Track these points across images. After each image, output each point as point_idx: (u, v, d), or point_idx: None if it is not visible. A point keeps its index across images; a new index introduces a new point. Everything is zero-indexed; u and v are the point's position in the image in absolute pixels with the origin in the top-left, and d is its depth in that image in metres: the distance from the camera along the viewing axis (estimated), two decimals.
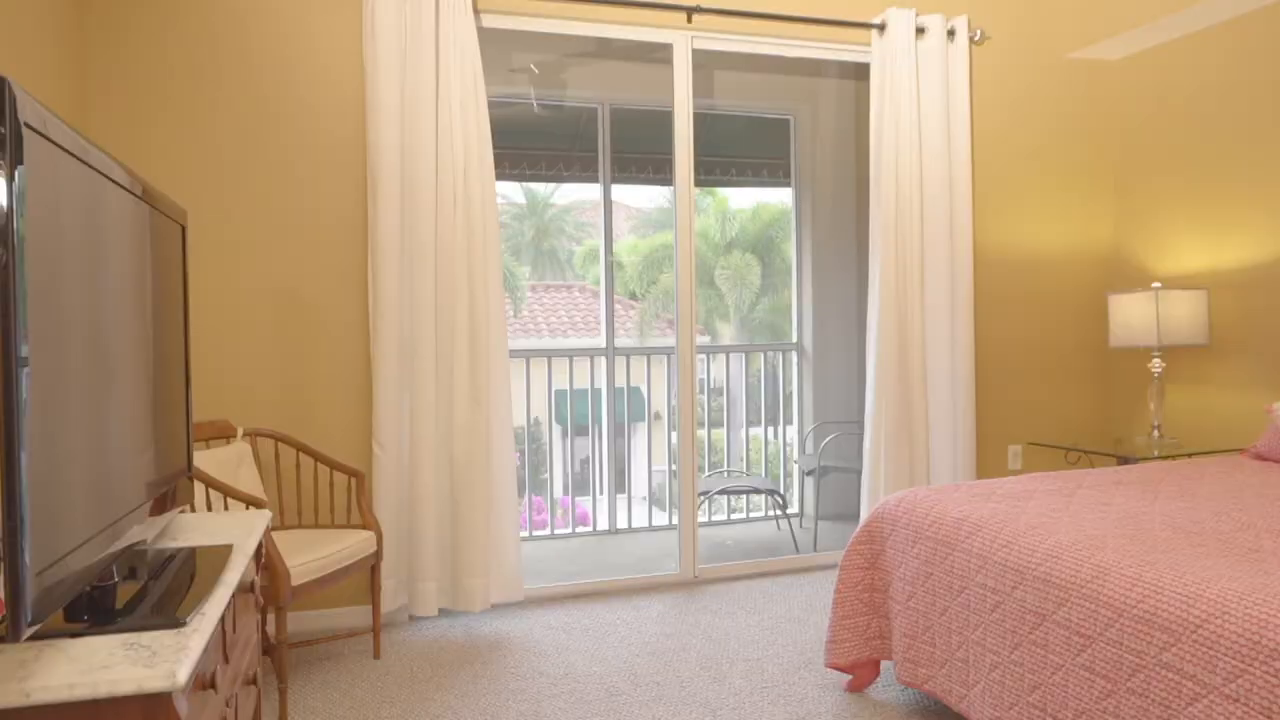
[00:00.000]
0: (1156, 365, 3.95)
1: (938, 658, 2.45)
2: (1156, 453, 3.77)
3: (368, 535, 3.07)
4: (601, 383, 5.39)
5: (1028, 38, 4.31)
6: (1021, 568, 2.18)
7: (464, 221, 3.42)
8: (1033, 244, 4.39)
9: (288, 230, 3.37)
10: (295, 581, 2.72)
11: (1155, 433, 3.98)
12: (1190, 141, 4.08)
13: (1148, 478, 2.87)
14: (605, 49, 5.06)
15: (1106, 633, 1.92)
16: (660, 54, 3.96)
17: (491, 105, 3.51)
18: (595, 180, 5.38)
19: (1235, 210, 3.89)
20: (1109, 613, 1.92)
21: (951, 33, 4.03)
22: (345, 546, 2.95)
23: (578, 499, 5.77)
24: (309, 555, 2.82)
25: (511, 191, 9.22)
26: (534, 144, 6.01)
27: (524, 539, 4.77)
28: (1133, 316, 3.90)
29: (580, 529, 5.31)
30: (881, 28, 3.95)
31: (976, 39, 4.13)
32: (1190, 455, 3.73)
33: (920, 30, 3.97)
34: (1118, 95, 4.44)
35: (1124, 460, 3.77)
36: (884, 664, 2.88)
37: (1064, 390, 4.46)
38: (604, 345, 5.36)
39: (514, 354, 5.11)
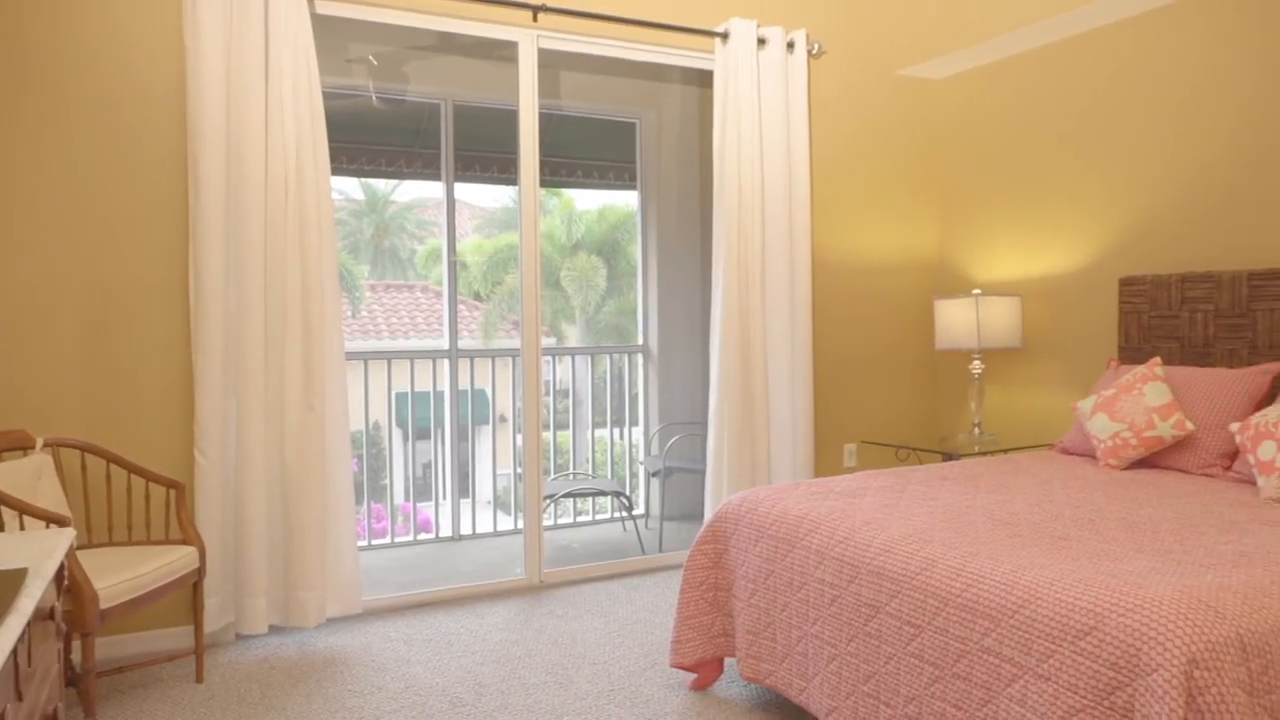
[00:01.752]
0: (977, 367, 4.21)
1: (779, 653, 2.51)
2: (977, 449, 4.02)
3: (188, 551, 2.86)
4: (444, 385, 5.25)
5: (862, 54, 4.51)
6: (857, 562, 2.26)
7: (296, 216, 3.24)
8: (867, 251, 4.59)
9: (97, 223, 3.09)
10: (105, 604, 2.50)
11: (976, 430, 4.24)
12: (1007, 158, 4.38)
13: (970, 473, 3.05)
14: (449, 44, 4.94)
15: (934, 621, 2.02)
16: (505, 52, 3.89)
17: (328, 96, 3.35)
18: (438, 178, 5.24)
19: (1046, 223, 4.21)
20: (936, 602, 2.02)
21: (791, 45, 4.16)
22: (163, 564, 2.74)
23: (420, 505, 5.60)
24: (121, 575, 2.59)
25: (350, 187, 8.87)
26: (373, 139, 5.80)
27: (362, 548, 4.58)
28: (955, 321, 4.15)
29: (422, 536, 5.15)
30: (725, 36, 4.03)
31: (815, 52, 4.29)
32: (1007, 451, 3.99)
33: (762, 41, 4.08)
34: (943, 113, 4.72)
35: (948, 457, 4.00)
36: (728, 661, 2.93)
37: (895, 391, 4.69)
38: (447, 347, 5.23)
39: (352, 355, 4.91)
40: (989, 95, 4.45)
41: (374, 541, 4.97)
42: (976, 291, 4.13)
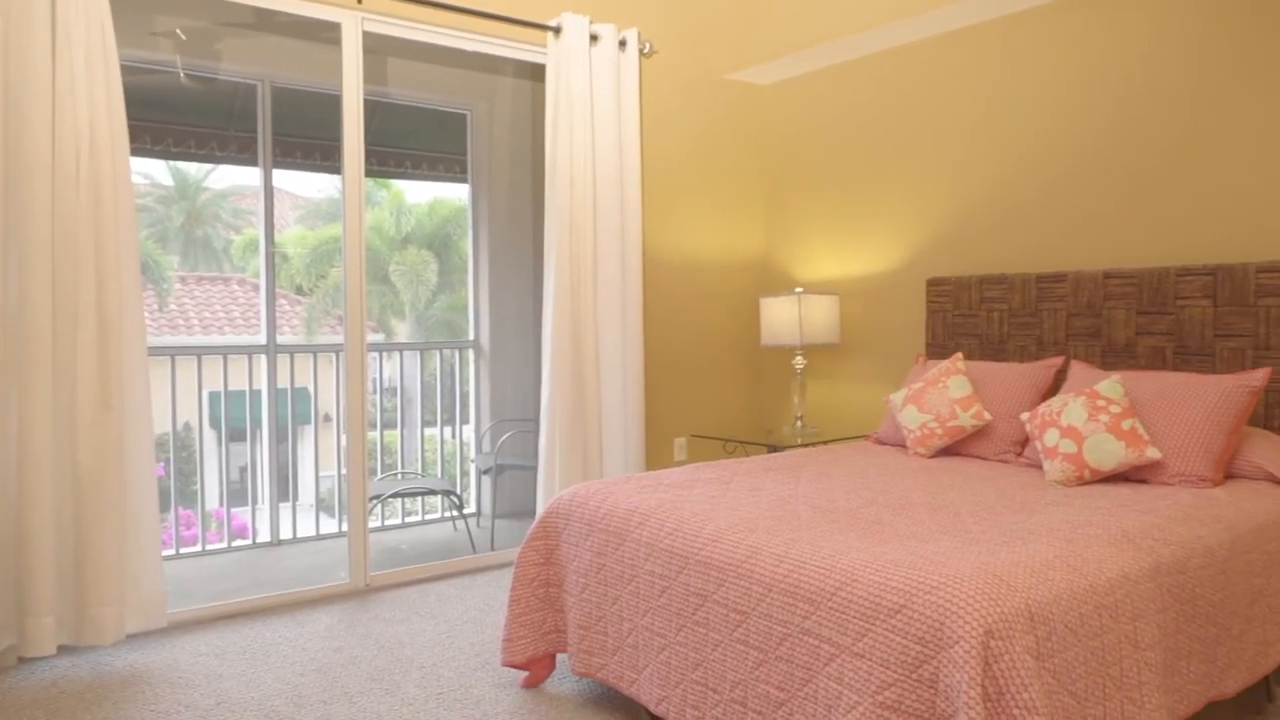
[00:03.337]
0: (799, 362, 4.39)
1: (610, 646, 2.52)
2: (800, 441, 4.19)
3: None
4: (262, 384, 4.97)
5: (692, 56, 4.61)
6: (686, 553, 2.30)
7: (91, 198, 2.97)
8: (696, 249, 4.70)
9: None
10: None
11: (799, 423, 4.42)
12: (827, 163, 4.59)
13: (793, 464, 3.17)
14: (266, 22, 4.68)
15: (759, 607, 2.08)
16: (329, 33, 3.72)
17: (129, 70, 3.09)
18: (254, 164, 4.95)
19: (862, 226, 4.44)
20: (760, 589, 2.09)
21: (623, 43, 4.19)
22: None
23: (235, 510, 5.28)
24: None
25: (156, 171, 8.24)
26: (181, 119, 5.41)
27: (169, 558, 4.29)
28: (779, 318, 4.31)
29: (238, 542, 4.86)
30: (557, 31, 4.01)
31: (646, 51, 4.34)
32: (827, 442, 4.18)
33: (594, 37, 4.09)
34: (768, 117, 4.89)
35: (773, 448, 4.15)
36: (560, 657, 2.92)
37: (723, 385, 4.82)
38: (264, 342, 4.95)
39: (157, 351, 4.57)
40: (811, 102, 4.65)
41: (182, 550, 4.64)
42: (799, 290, 4.30)
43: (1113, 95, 3.47)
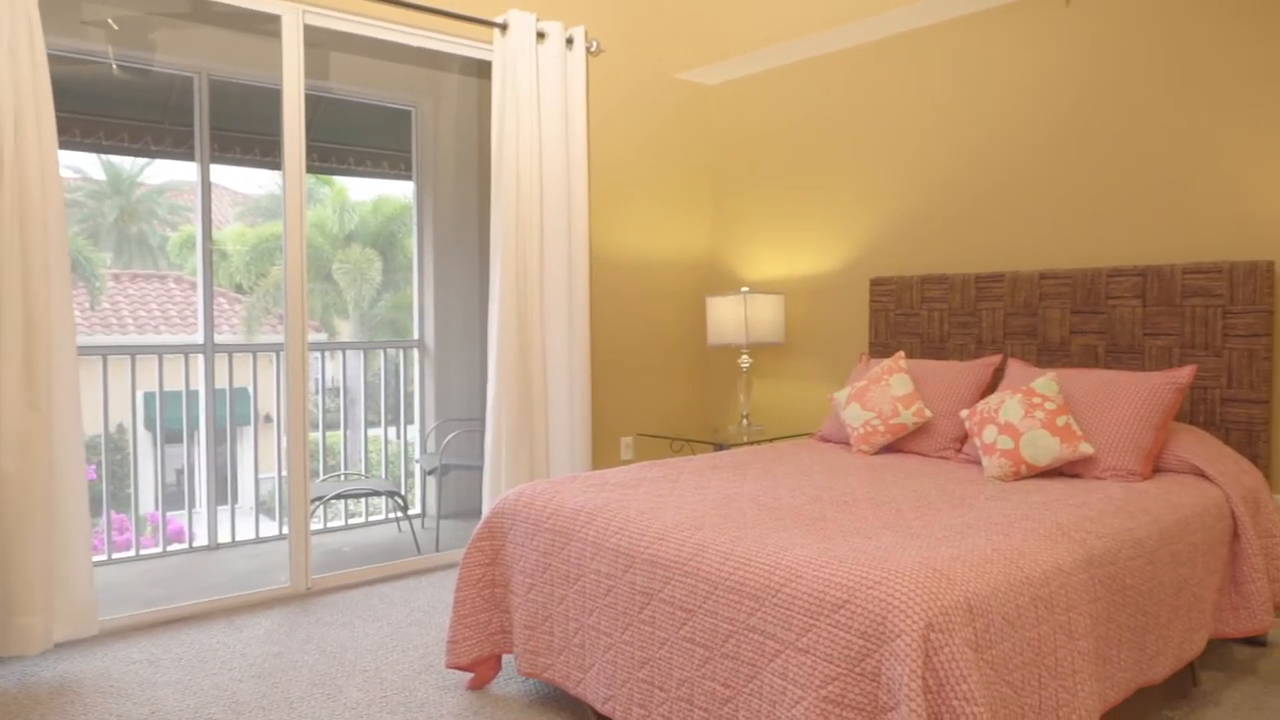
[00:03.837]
0: (745, 361, 4.42)
1: (556, 646, 2.51)
2: (745, 439, 4.22)
3: None
4: (200, 384, 4.85)
5: (640, 55, 4.61)
6: (632, 551, 2.30)
7: (16, 192, 2.87)
8: (643, 248, 4.70)
9: None
10: None
11: (744, 421, 4.45)
12: (773, 164, 4.63)
13: (738, 461, 3.19)
14: (203, 12, 4.57)
15: (705, 605, 2.09)
16: (269, 26, 3.64)
17: (57, 60, 2.99)
18: (191, 158, 4.83)
19: (808, 226, 4.48)
20: (707, 586, 2.09)
21: (570, 41, 4.18)
22: None
23: (171, 514, 5.15)
24: None
25: (88, 165, 7.99)
26: (114, 111, 5.26)
27: (100, 563, 4.17)
28: (725, 317, 4.33)
29: (174, 546, 4.73)
30: (504, 27, 3.99)
31: (594, 50, 4.33)
32: (772, 440, 4.22)
33: (541, 35, 4.07)
34: (715, 117, 4.92)
35: (719, 447, 4.18)
36: (506, 658, 2.90)
37: (670, 384, 4.84)
38: (202, 342, 4.84)
39: (88, 351, 4.43)
40: (758, 103, 4.69)
41: (115, 555, 4.51)
42: (745, 289, 4.33)
43: (1049, 104, 3.56)
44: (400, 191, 8.25)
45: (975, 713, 1.68)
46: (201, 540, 4.76)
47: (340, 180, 8.35)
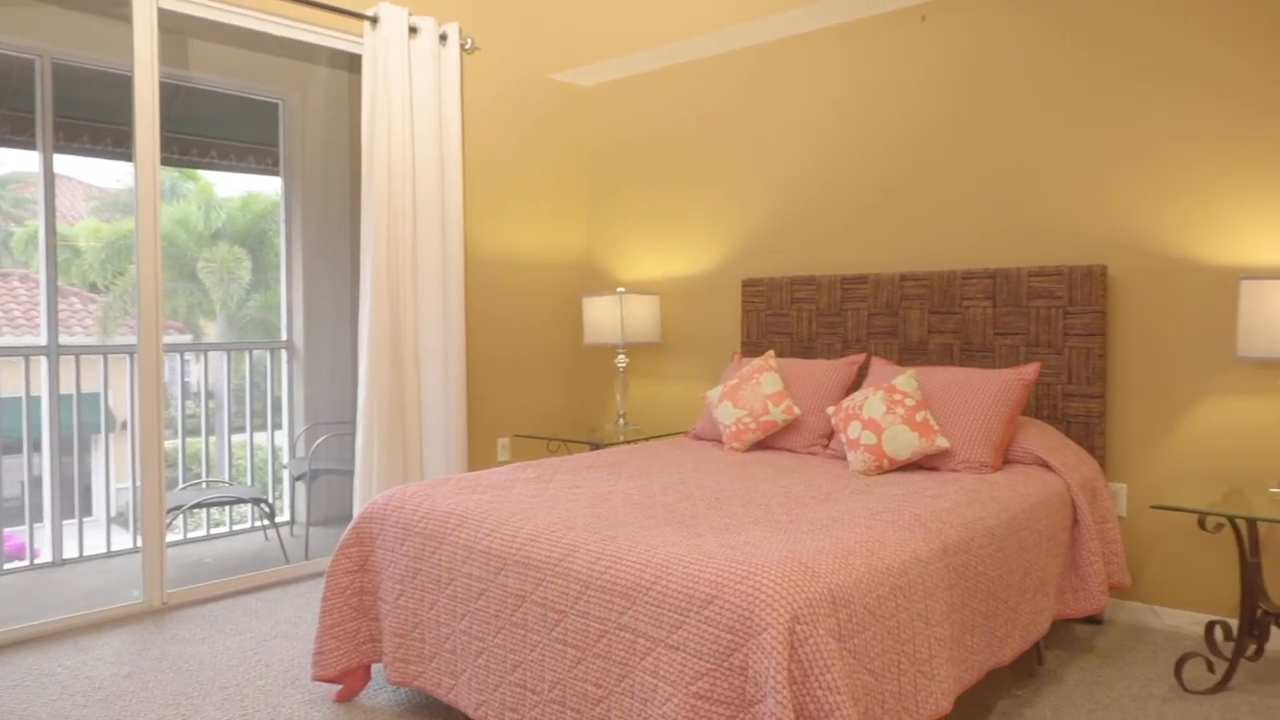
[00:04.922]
0: (621, 360, 4.44)
1: (427, 653, 2.46)
2: (621, 438, 4.24)
3: None
4: (42, 389, 4.53)
5: (515, 54, 4.57)
6: (504, 554, 2.28)
7: None
8: (519, 248, 4.66)
9: None
10: None
11: (621, 420, 4.48)
12: (648, 166, 4.67)
13: (613, 461, 3.20)
14: None
15: (577, 605, 2.08)
16: (119, 8, 3.44)
17: None
18: (32, 147, 4.50)
19: (682, 227, 4.54)
20: (578, 586, 2.09)
21: (444, 37, 4.11)
22: None
23: (10, 530, 4.79)
24: None
25: None
26: None
27: None
28: (601, 317, 4.34)
29: (13, 564, 4.41)
30: (374, 21, 3.88)
31: (468, 47, 4.26)
32: (648, 439, 4.25)
33: (414, 29, 3.98)
34: (590, 118, 4.92)
35: (595, 446, 4.18)
36: (375, 668, 2.82)
37: (546, 385, 4.81)
38: (45, 344, 4.52)
39: None
40: (632, 105, 4.72)
41: None
42: (620, 290, 4.36)
43: (908, 116, 3.72)
44: (270, 188, 7.93)
45: (838, 701, 1.74)
46: (45, 556, 4.45)
47: (207, 176, 7.97)
